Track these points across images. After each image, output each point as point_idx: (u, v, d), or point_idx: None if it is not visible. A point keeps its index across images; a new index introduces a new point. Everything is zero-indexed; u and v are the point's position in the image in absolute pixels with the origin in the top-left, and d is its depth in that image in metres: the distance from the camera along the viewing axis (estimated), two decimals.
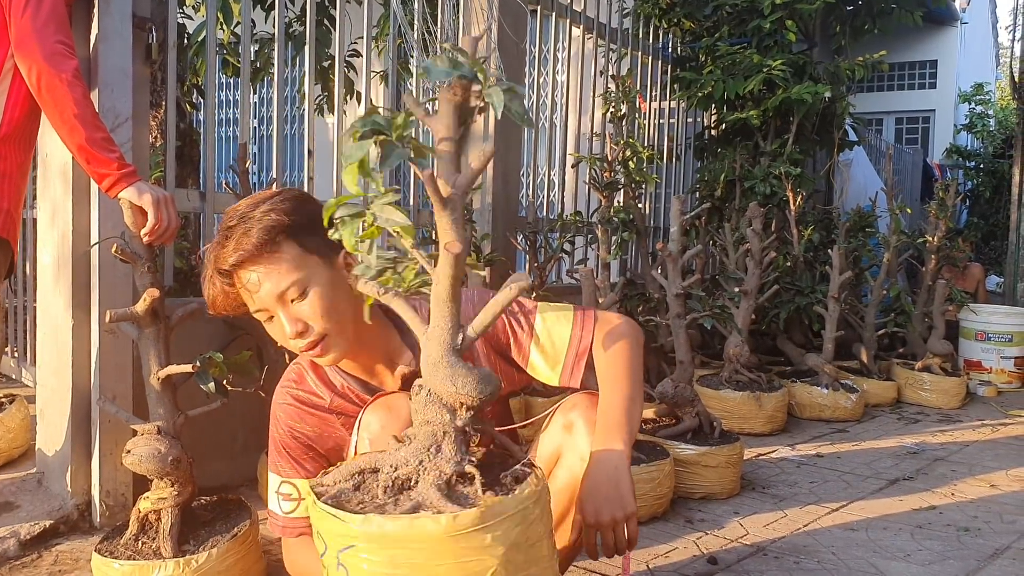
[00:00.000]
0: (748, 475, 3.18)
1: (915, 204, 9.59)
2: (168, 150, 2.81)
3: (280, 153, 3.14)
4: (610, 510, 1.53)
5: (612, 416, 1.63)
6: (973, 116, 13.50)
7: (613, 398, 1.65)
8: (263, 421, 2.64)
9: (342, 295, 1.63)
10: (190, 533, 1.97)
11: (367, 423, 1.68)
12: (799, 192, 5.03)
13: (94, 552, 1.92)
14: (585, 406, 1.69)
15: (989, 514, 2.82)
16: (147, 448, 1.92)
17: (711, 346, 5.30)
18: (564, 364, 1.72)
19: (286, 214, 1.59)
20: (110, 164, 2.01)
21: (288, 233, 1.59)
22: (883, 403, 4.73)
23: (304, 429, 1.77)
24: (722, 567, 2.29)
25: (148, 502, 1.95)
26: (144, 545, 1.93)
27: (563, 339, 1.73)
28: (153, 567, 1.84)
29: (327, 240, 1.34)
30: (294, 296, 1.60)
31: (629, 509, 1.54)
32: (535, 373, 1.77)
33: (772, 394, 3.88)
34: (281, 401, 1.80)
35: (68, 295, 2.38)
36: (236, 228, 1.59)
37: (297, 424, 1.77)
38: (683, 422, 3.09)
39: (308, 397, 1.78)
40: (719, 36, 5.48)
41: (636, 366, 1.71)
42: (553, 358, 1.73)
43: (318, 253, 1.62)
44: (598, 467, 1.57)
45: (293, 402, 1.78)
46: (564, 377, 1.72)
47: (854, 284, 5.28)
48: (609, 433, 1.61)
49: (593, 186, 4.15)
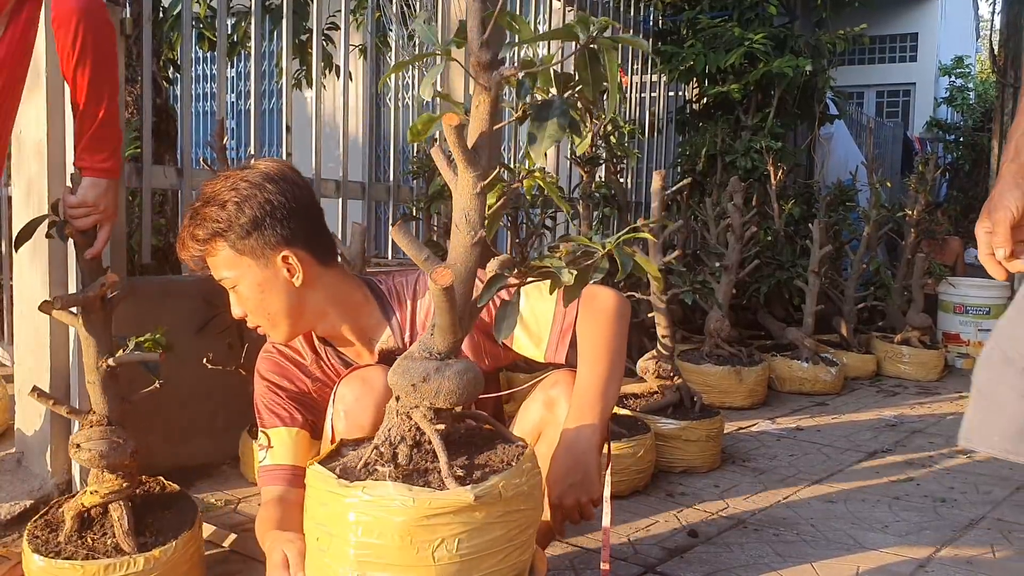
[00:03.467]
0: (728, 449, 3.21)
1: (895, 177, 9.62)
2: (144, 126, 2.77)
3: (258, 128, 3.10)
4: (575, 494, 1.60)
5: (587, 396, 1.64)
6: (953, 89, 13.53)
7: (590, 377, 1.66)
8: (245, 399, 2.64)
9: (274, 293, 1.71)
10: (138, 525, 1.81)
11: (342, 395, 1.71)
12: (780, 166, 5.04)
13: (34, 556, 1.71)
14: (566, 383, 1.71)
15: (965, 485, 2.86)
16: (104, 443, 1.77)
17: (692, 320, 5.32)
18: (548, 341, 1.73)
19: (229, 217, 1.67)
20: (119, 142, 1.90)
21: (223, 237, 1.68)
22: (863, 376, 4.77)
23: (279, 380, 1.87)
24: (703, 539, 2.31)
25: (96, 496, 1.78)
26: (96, 542, 1.77)
27: (547, 316, 1.73)
28: (122, 564, 1.70)
29: (266, 241, 1.62)
30: (230, 287, 1.73)
31: (595, 494, 1.61)
32: (520, 350, 1.78)
33: (752, 368, 3.91)
34: (264, 355, 1.90)
35: (45, 273, 2.35)
36: (192, 219, 1.71)
37: (274, 374, 1.87)
38: (664, 397, 3.11)
39: (291, 354, 1.88)
40: (700, 9, 5.46)
41: (617, 342, 1.71)
42: (537, 335, 1.74)
43: (251, 255, 1.69)
44: (567, 450, 1.61)
45: (276, 357, 1.89)
46: (549, 354, 1.74)
47: (834, 258, 5.31)
48: (582, 414, 1.62)
49: (575, 161, 4.14)
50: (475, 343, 1.78)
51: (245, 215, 1.65)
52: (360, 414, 1.66)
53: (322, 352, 1.86)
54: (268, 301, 1.71)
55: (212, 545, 2.15)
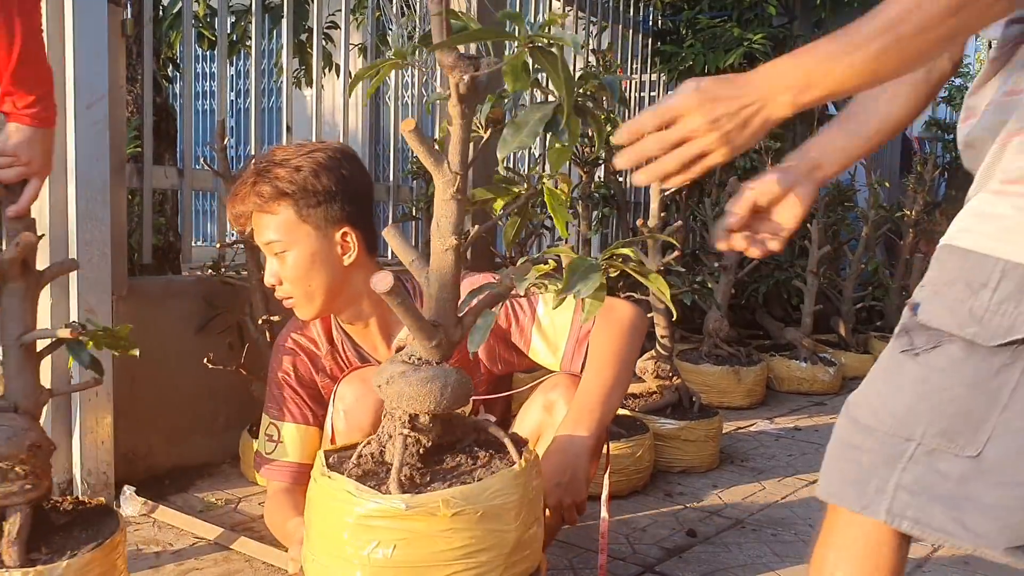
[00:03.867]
0: (727, 448, 3.22)
1: (894, 178, 9.63)
2: (145, 126, 2.77)
3: (258, 127, 3.11)
4: (559, 494, 1.60)
5: (587, 401, 1.65)
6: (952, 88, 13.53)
7: (593, 383, 1.66)
8: (245, 398, 2.66)
9: (323, 267, 1.72)
10: (41, 539, 1.55)
11: (342, 395, 1.73)
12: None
13: None
14: (565, 386, 1.71)
15: None
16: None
17: (691, 320, 5.33)
18: (565, 350, 1.75)
19: (303, 181, 1.68)
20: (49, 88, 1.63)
21: (290, 200, 1.68)
22: (861, 376, 4.70)
23: (294, 374, 1.88)
24: (701, 539, 2.32)
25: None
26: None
27: (564, 324, 1.74)
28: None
29: (332, 214, 1.61)
30: (276, 251, 1.73)
31: (579, 498, 1.61)
32: (536, 358, 1.79)
33: (751, 368, 3.91)
34: (282, 343, 1.92)
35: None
36: (259, 176, 1.71)
37: (289, 369, 1.89)
38: (663, 397, 3.11)
39: (307, 344, 1.90)
40: (700, 9, 5.46)
41: (627, 355, 1.71)
42: (554, 343, 1.75)
43: (313, 224, 1.70)
44: (559, 453, 1.61)
45: (292, 346, 1.90)
46: (565, 363, 1.75)
47: (833, 258, 5.31)
48: (580, 418, 1.63)
49: (574, 162, 4.14)
50: (489, 348, 1.80)
51: (321, 183, 1.68)
52: (360, 414, 1.67)
53: (339, 344, 1.88)
54: (314, 274, 1.73)
55: (216, 546, 2.15)
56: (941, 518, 1.02)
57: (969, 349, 1.00)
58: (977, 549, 1.01)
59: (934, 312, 1.05)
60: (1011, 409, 0.98)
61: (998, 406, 0.99)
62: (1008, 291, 0.98)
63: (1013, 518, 0.99)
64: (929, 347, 1.04)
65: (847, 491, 1.09)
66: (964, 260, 1.03)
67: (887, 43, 0.94)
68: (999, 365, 0.99)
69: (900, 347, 1.08)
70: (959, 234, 1.05)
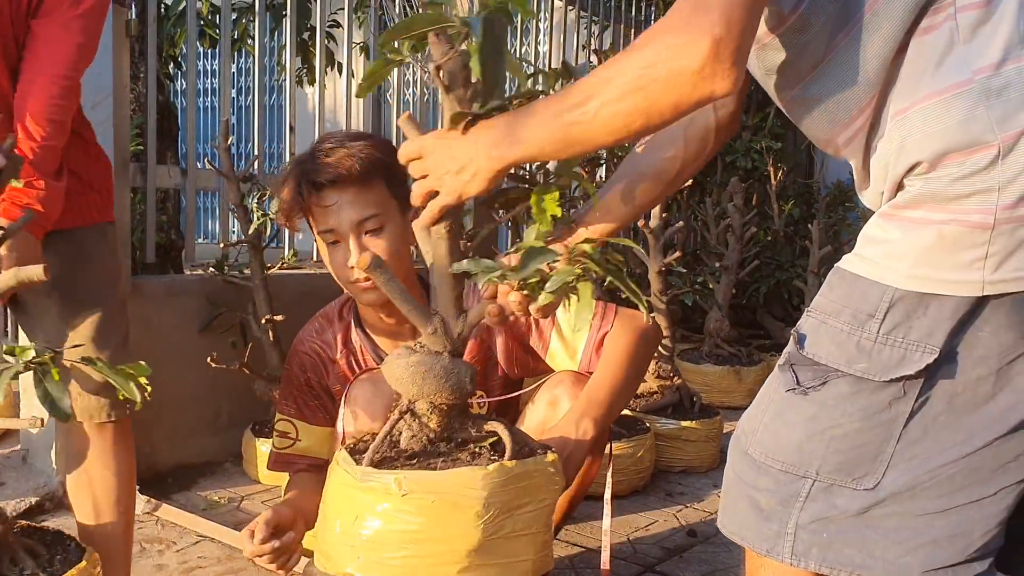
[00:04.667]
0: (728, 448, 3.22)
1: None
2: (148, 125, 2.78)
3: (261, 125, 3.12)
4: None
5: (595, 394, 1.65)
6: None
7: (604, 379, 1.67)
8: (248, 397, 2.67)
9: (404, 245, 1.73)
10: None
11: (353, 397, 1.73)
12: (780, 167, 5.05)
13: None
14: (570, 383, 1.72)
15: None
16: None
17: (692, 320, 5.34)
18: (583, 353, 1.75)
19: (385, 155, 1.67)
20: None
21: (384, 173, 1.68)
22: None
23: (308, 378, 1.88)
24: (701, 539, 2.33)
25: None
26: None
27: (583, 328, 1.75)
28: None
29: (408, 193, 1.49)
30: (371, 228, 1.69)
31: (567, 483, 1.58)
32: (553, 361, 1.80)
33: (752, 368, 3.92)
34: (299, 346, 1.91)
35: None
36: (338, 150, 1.67)
37: (305, 371, 1.89)
38: (664, 397, 3.12)
39: (323, 349, 1.89)
40: None
41: (639, 361, 1.73)
42: (572, 347, 1.76)
43: (399, 200, 1.70)
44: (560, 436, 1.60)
45: (308, 351, 1.90)
46: (583, 366, 1.76)
47: (833, 258, 5.30)
48: (587, 409, 1.63)
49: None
50: (508, 350, 1.81)
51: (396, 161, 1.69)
52: (370, 416, 1.68)
53: (356, 346, 1.87)
54: (404, 252, 1.74)
55: (219, 544, 2.16)
56: (848, 552, 1.00)
57: (858, 384, 0.98)
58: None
59: (820, 346, 1.02)
60: (906, 439, 0.97)
61: (892, 438, 0.97)
62: (896, 320, 0.96)
63: (919, 540, 0.97)
64: (817, 383, 1.01)
65: (749, 534, 1.07)
66: (852, 287, 1.00)
67: (574, 118, 1.02)
68: (890, 398, 0.97)
69: (787, 384, 1.04)
70: (850, 257, 1.03)
